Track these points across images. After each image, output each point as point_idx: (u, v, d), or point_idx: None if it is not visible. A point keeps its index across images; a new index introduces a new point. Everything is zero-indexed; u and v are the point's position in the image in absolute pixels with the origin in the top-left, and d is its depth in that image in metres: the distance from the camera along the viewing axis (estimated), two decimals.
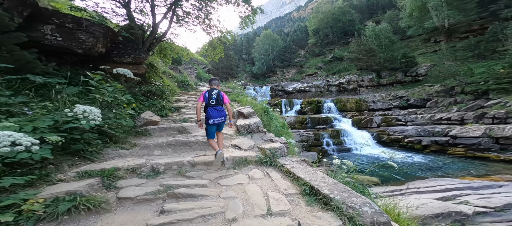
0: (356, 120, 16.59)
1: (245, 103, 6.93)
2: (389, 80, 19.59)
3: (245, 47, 42.86)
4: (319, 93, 25.55)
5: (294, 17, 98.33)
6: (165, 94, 5.49)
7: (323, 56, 33.16)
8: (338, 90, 23.87)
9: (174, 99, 6.58)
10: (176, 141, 3.12)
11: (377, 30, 21.08)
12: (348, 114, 17.85)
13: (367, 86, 21.12)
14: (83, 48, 3.38)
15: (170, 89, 7.04)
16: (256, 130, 3.80)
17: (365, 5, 36.11)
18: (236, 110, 5.20)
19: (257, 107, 6.24)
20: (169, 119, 4.69)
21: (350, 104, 18.76)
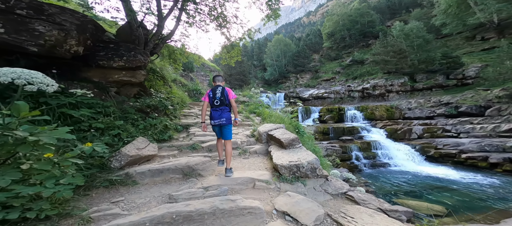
0: (390, 130, 14.14)
1: (269, 117, 5.41)
2: (426, 84, 16.92)
3: (256, 53, 42.17)
4: (339, 100, 23.31)
5: (304, 23, 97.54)
6: (169, 109, 4.17)
7: (341, 60, 30.99)
8: (362, 96, 21.48)
9: (183, 113, 5.28)
10: (176, 212, 1.58)
11: (407, 30, 18.73)
12: (378, 123, 15.44)
13: (398, 92, 18.54)
14: (40, 46, 2.15)
15: (178, 100, 5.80)
16: (311, 173, 2.19)
17: (385, 5, 33.69)
18: (263, 132, 3.69)
19: (286, 122, 4.67)
20: (173, 144, 3.31)
21: (379, 112, 16.35)
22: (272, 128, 3.69)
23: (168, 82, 6.61)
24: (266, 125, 4.25)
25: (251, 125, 5.06)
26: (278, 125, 3.96)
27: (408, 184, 7.59)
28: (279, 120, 4.70)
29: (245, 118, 5.73)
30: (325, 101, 24.13)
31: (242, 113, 6.27)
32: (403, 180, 8.47)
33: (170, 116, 4.18)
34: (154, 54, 4.53)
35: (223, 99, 2.40)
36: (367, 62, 26.28)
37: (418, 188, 7.15)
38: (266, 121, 5.02)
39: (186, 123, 4.47)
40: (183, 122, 4.44)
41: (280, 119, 4.84)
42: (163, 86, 5.47)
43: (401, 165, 10.48)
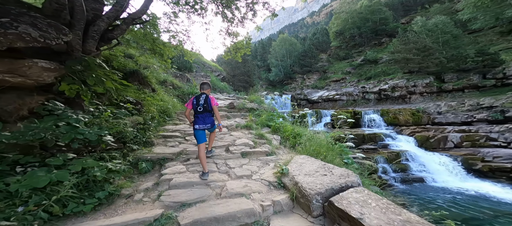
0: (420, 137, 11.99)
1: (298, 138, 3.62)
2: (457, 84, 14.78)
3: (260, 53, 40.54)
4: (352, 102, 21.28)
5: (308, 23, 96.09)
6: (129, 136, 2.34)
7: (351, 59, 28.99)
8: (378, 98, 19.42)
9: (162, 133, 3.48)
10: None
11: (431, 25, 16.69)
12: (404, 129, 13.33)
13: (422, 93, 16.42)
14: None
15: (164, 109, 4.05)
16: None
17: (398, 2, 31.61)
18: (313, 192, 1.79)
19: (335, 152, 2.81)
20: (121, 214, 1.49)
21: (404, 117, 14.25)
22: (330, 181, 1.84)
23: (150, 84, 4.85)
24: (303, 160, 2.42)
25: (270, 152, 3.22)
26: (333, 167, 2.11)
27: (463, 207, 5.68)
28: (322, 148, 2.87)
29: (257, 137, 3.89)
30: (336, 104, 22.10)
31: (252, 128, 4.45)
32: (452, 200, 6.54)
33: (131, 143, 2.38)
34: (111, 40, 2.78)
35: (206, 106, 2.54)
36: (381, 62, 24.20)
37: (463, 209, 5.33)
38: (298, 150, 3.17)
39: (162, 154, 2.65)
40: (156, 153, 2.63)
41: (321, 146, 2.98)
42: (135, 92, 3.70)
43: (441, 180, 8.42)
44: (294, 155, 3.05)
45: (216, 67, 22.13)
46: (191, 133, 3.68)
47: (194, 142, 3.29)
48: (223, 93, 15.56)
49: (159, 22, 4.18)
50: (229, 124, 4.39)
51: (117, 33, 2.77)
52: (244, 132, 4.07)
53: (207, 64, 21.02)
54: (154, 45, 4.23)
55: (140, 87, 4.27)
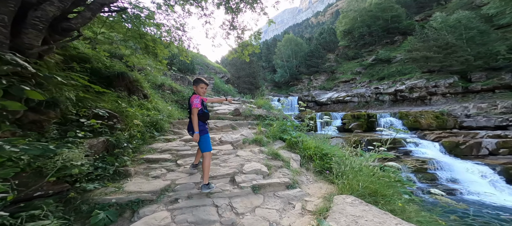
0: (448, 143, 10.68)
1: (315, 151, 2.78)
2: (486, 84, 13.27)
3: (265, 54, 39.76)
4: (364, 104, 19.96)
5: (313, 23, 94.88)
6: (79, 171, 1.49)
7: (361, 59, 27.60)
8: (394, 100, 18.03)
9: (146, 155, 2.64)
10: None
11: (452, 21, 15.27)
12: (429, 134, 12.00)
13: (445, 94, 14.95)
14: None
15: (148, 124, 3.23)
16: None
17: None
18: None
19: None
20: None
21: (426, 120, 12.93)
22: None
23: (141, 89, 4.06)
24: (355, 209, 1.50)
25: (292, 184, 2.27)
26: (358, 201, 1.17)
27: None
28: (376, 184, 1.91)
29: (270, 157, 2.93)
30: (347, 106, 20.83)
31: (263, 143, 3.52)
32: (496, 217, 5.38)
33: (84, 181, 1.54)
34: (68, 31, 1.98)
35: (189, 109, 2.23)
36: (395, 61, 22.74)
37: None
38: (339, 186, 2.18)
39: (136, 192, 1.77)
40: (128, 191, 1.76)
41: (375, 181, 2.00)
42: (114, 101, 2.88)
43: (478, 192, 7.17)
44: (328, 189, 2.11)
45: (220, 69, 21.48)
46: (186, 153, 2.81)
47: (188, 169, 2.42)
48: (227, 97, 14.86)
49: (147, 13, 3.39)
50: (234, 138, 3.50)
51: (77, 23, 1.97)
52: (253, 150, 3.16)
53: (211, 65, 20.40)
54: (143, 42, 3.43)
55: (126, 94, 3.46)
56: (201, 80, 2.23)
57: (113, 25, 3.29)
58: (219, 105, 7.83)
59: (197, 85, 2.22)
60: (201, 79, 2.24)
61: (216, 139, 3.50)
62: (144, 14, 3.15)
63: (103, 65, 3.44)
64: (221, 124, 4.65)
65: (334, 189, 2.25)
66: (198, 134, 2.05)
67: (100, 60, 3.44)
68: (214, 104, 8.09)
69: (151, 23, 3.70)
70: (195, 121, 2.05)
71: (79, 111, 2.04)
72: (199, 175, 2.28)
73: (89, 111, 2.10)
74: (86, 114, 2.06)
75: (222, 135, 3.64)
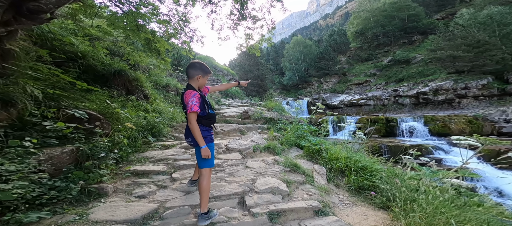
0: (487, 152, 9.25)
1: (347, 163, 2.16)
2: None
3: (273, 57, 39.43)
4: (381, 107, 18.60)
5: (321, 26, 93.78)
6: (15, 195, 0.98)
7: (375, 60, 26.18)
8: (415, 103, 16.55)
9: (133, 166, 2.14)
10: None
11: (483, 17, 13.81)
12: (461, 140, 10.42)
13: (477, 97, 13.35)
14: None
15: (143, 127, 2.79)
16: None
17: None
18: None
19: None
20: None
21: (457, 125, 11.55)
22: None
23: (142, 89, 3.66)
24: None
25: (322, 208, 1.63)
26: None
27: None
28: None
29: (288, 169, 2.31)
30: (361, 109, 19.55)
31: (277, 151, 2.93)
32: None
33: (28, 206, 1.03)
34: (37, 13, 1.56)
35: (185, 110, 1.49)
36: (414, 62, 21.16)
37: None
38: (408, 223, 1.52)
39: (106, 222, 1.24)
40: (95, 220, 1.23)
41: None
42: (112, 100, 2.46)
43: None
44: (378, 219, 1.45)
45: (228, 71, 21.31)
46: (184, 164, 2.26)
47: (184, 186, 1.86)
48: (235, 99, 14.35)
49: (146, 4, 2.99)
50: (243, 145, 2.96)
51: (48, 3, 1.54)
52: (266, 159, 2.57)
53: (219, 67, 20.27)
54: (142, 36, 3.03)
55: (123, 93, 3.06)
56: (197, 67, 1.49)
57: (113, 20, 2.93)
58: (227, 108, 7.32)
59: (192, 76, 1.50)
60: (196, 64, 1.51)
61: (222, 145, 2.96)
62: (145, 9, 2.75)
63: (100, 63, 3.08)
64: (228, 128, 4.13)
65: (387, 218, 1.57)
66: (206, 149, 1.41)
67: (97, 57, 3.09)
68: (221, 106, 7.57)
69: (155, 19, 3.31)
70: (195, 131, 1.39)
71: (46, 112, 1.59)
72: (198, 194, 1.71)
73: (60, 112, 1.64)
74: (56, 115, 1.60)
75: (229, 141, 3.10)
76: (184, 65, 12.04)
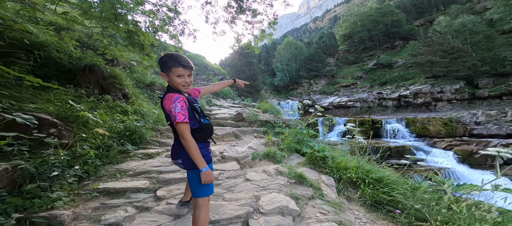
0: (461, 152, 10.15)
1: (357, 174, 2.06)
2: (494, 90, 12.93)
3: (264, 58, 39.42)
4: (367, 109, 19.47)
5: (311, 28, 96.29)
6: None
7: (361, 63, 27.39)
8: (397, 105, 17.59)
9: (106, 181, 1.78)
10: None
11: (457, 25, 15.09)
12: (439, 141, 11.48)
13: (451, 100, 14.56)
14: None
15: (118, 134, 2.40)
16: None
17: (410, 4, 30.31)
18: None
19: None
20: None
21: (435, 127, 12.43)
22: None
23: (120, 87, 3.23)
24: None
25: None
26: None
27: None
28: None
29: (293, 181, 2.13)
30: (349, 111, 20.30)
31: (277, 158, 2.73)
32: None
33: None
34: None
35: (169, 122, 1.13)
36: (396, 66, 22.53)
37: None
38: None
39: None
40: None
41: None
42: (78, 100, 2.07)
43: (503, 206, 6.40)
44: None
45: (219, 70, 20.75)
46: (172, 177, 1.96)
47: (172, 207, 1.58)
48: (227, 99, 13.91)
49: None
50: (241, 153, 2.66)
51: None
52: (268, 169, 2.36)
53: (210, 67, 19.64)
54: (121, 27, 2.62)
55: (97, 92, 2.63)
56: (172, 60, 1.06)
57: (86, 8, 2.49)
58: (218, 109, 6.91)
59: (168, 72, 1.07)
60: (163, 57, 1.08)
61: (216, 153, 2.68)
62: None
63: (67, 56, 2.60)
64: (222, 131, 3.84)
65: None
66: (208, 172, 1.06)
67: (63, 50, 2.61)
68: (213, 107, 7.08)
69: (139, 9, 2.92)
70: (192, 149, 1.02)
71: None
72: (191, 218, 1.43)
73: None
74: None
75: (224, 148, 2.84)
76: None
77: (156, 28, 2.99)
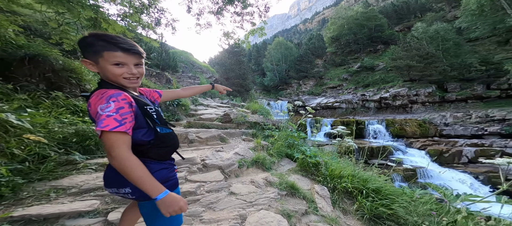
0: (433, 152, 11.08)
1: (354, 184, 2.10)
2: (460, 94, 14.24)
3: (254, 57, 39.35)
4: (352, 110, 20.35)
5: (301, 29, 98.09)
6: None
7: (347, 66, 28.52)
8: (378, 107, 18.63)
9: (33, 203, 1.47)
10: None
11: (432, 32, 16.31)
12: (414, 142, 12.41)
13: (424, 103, 15.77)
14: None
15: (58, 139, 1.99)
16: None
17: (391, 10, 32.11)
18: None
19: None
20: None
21: (411, 128, 13.36)
22: None
23: (78, 83, 2.91)
24: None
25: None
26: None
27: None
28: None
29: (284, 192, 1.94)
30: (335, 111, 21.08)
31: (266, 165, 2.60)
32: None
33: None
34: None
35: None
36: (378, 69, 23.81)
37: None
38: None
39: None
40: None
41: None
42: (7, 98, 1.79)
43: (469, 203, 7.18)
44: None
45: (207, 68, 20.22)
46: None
47: None
48: (215, 99, 13.48)
49: None
50: (225, 159, 2.43)
51: None
52: (256, 179, 2.16)
53: (197, 64, 19.05)
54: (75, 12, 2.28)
55: (44, 87, 2.29)
56: (104, 41, 0.72)
57: None
58: (205, 108, 6.33)
59: (97, 58, 0.73)
60: (101, 36, 0.72)
61: (197, 160, 2.38)
62: None
63: (2, 43, 2.19)
64: (206, 134, 3.52)
65: None
66: (169, 198, 0.72)
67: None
68: (199, 107, 6.60)
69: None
70: (133, 171, 0.67)
71: None
72: None
73: None
74: None
75: (206, 154, 2.58)
76: (154, 59, 10.67)
77: (126, 15, 2.66)
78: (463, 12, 17.25)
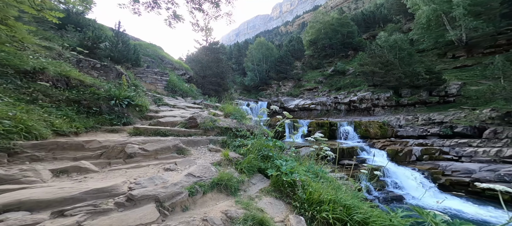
0: (391, 151, 12.68)
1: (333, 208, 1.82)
2: (410, 100, 16.59)
3: (235, 56, 38.76)
4: (326, 112, 21.87)
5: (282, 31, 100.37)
6: None
7: (323, 69, 30.37)
8: (348, 109, 20.43)
9: None
10: None
11: (392, 41, 18.46)
12: (376, 142, 13.99)
13: (384, 106, 17.91)
14: None
15: None
16: None
17: (361, 18, 35.21)
18: None
19: None
20: None
21: (373, 129, 15.00)
22: None
23: None
24: None
25: None
26: None
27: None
28: None
29: None
30: (311, 113, 22.37)
31: (232, 189, 2.17)
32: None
33: None
34: None
35: None
36: (348, 74, 25.99)
37: None
38: None
39: None
40: None
41: None
42: None
43: (418, 197, 8.71)
44: None
45: (180, 64, 18.77)
46: None
47: None
48: (187, 98, 11.72)
49: None
50: (169, 184, 1.81)
51: None
52: (211, 215, 1.61)
53: (167, 59, 17.50)
54: None
55: None
56: None
57: None
58: (169, 109, 5.47)
59: None
60: None
61: (120, 188, 1.59)
62: None
63: None
64: (158, 145, 2.69)
65: None
66: None
67: None
68: (162, 107, 5.55)
69: None
70: None
71: None
72: None
73: None
74: None
75: (141, 178, 1.85)
76: (105, 49, 9.05)
77: None
78: (415, 25, 20.00)
